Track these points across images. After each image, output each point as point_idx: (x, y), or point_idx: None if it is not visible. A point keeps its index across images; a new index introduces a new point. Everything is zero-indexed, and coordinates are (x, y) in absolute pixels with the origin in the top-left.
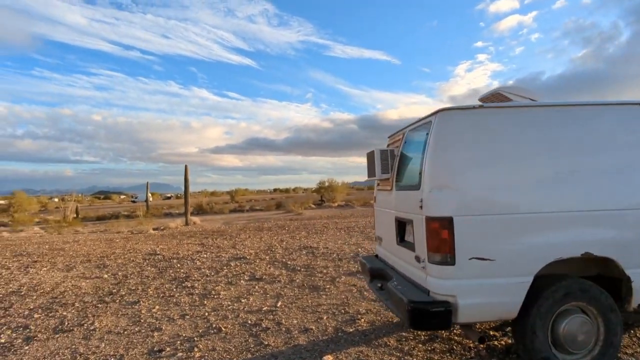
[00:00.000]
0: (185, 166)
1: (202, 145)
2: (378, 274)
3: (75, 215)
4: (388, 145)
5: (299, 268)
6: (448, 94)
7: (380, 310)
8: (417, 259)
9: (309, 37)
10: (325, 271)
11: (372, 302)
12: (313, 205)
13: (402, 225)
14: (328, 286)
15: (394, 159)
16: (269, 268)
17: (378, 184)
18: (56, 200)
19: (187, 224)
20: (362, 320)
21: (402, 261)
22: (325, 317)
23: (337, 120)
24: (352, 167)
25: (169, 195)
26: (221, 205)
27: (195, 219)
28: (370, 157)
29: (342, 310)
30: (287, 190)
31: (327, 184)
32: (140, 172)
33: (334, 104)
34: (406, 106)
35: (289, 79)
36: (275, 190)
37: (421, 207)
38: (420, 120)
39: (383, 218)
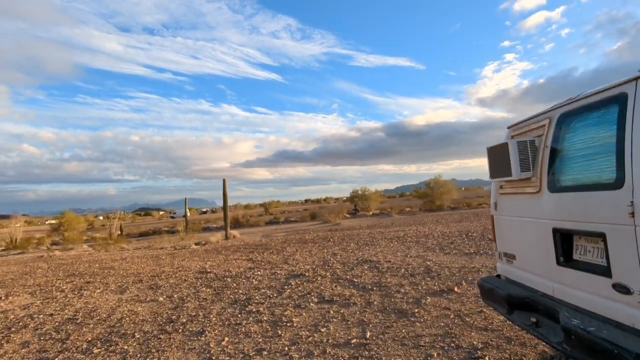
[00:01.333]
0: (224, 180)
1: (234, 160)
2: (522, 303)
3: (119, 232)
4: (512, 137)
5: (369, 286)
6: (476, 97)
7: (501, 343)
8: (620, 288)
9: (332, 49)
10: (402, 290)
11: (482, 331)
12: (347, 215)
13: (567, 240)
14: (416, 310)
15: (536, 152)
16: (336, 287)
17: (501, 187)
18: (101, 218)
19: (227, 237)
20: (486, 358)
21: (573, 289)
22: (435, 354)
23: (364, 128)
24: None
25: (204, 209)
26: (256, 217)
27: (235, 232)
28: (498, 152)
29: (452, 343)
30: (318, 201)
31: (360, 192)
32: (176, 189)
33: (360, 113)
34: (433, 111)
35: (314, 91)
36: (306, 200)
37: (632, 213)
38: (589, 94)
39: (519, 229)
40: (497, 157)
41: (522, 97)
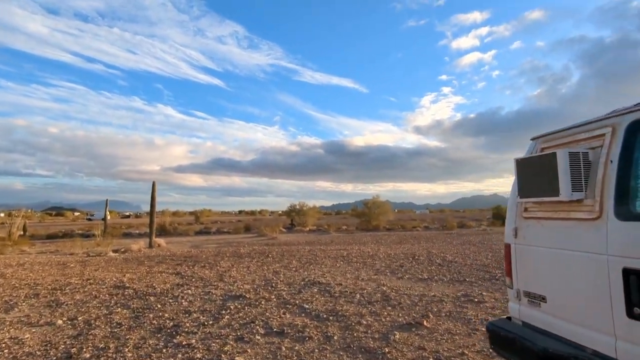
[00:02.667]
0: (154, 183)
1: (165, 164)
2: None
3: (22, 233)
4: (542, 150)
5: (324, 315)
6: (413, 124)
7: None
8: None
9: (279, 61)
10: (364, 322)
11: None
12: (284, 229)
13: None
14: (386, 349)
15: (591, 168)
16: (285, 314)
17: (526, 209)
18: (2, 215)
19: (151, 246)
20: None
21: None
22: None
23: (305, 144)
24: (318, 191)
25: (127, 213)
26: (185, 226)
27: (160, 240)
28: (538, 165)
29: None
30: (253, 213)
31: (297, 207)
32: (97, 189)
33: (301, 128)
34: (372, 133)
35: (257, 101)
36: (240, 212)
37: None
38: None
39: (557, 265)
40: (534, 172)
41: (454, 129)
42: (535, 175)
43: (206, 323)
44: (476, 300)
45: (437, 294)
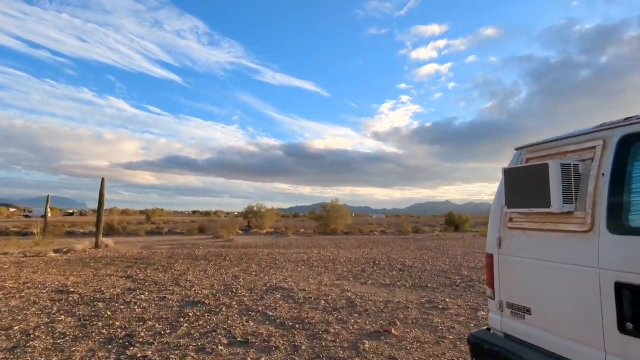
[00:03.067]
0: (103, 179)
1: (115, 160)
2: None
3: None
4: (527, 161)
5: (290, 323)
6: (372, 130)
7: None
8: None
9: (240, 60)
10: (332, 330)
11: None
12: (240, 232)
13: (636, 298)
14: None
15: (581, 181)
16: (248, 322)
17: (511, 219)
18: None
19: (98, 246)
20: None
21: None
22: None
23: (264, 145)
24: (276, 193)
25: (71, 211)
26: (135, 225)
27: (107, 240)
28: (527, 175)
29: None
30: (207, 213)
31: (255, 209)
32: (37, 184)
33: (261, 129)
34: (332, 137)
35: (216, 99)
36: (194, 212)
37: None
38: None
39: (544, 277)
40: (524, 182)
41: (411, 137)
42: (524, 186)
43: (163, 332)
44: (440, 307)
45: (401, 300)
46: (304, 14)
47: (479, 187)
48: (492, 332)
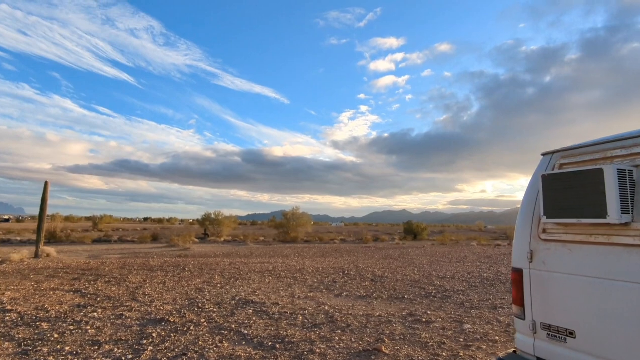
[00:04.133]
0: (46, 183)
1: (58, 162)
2: None
3: None
4: (562, 167)
5: (268, 342)
6: (332, 138)
7: None
8: None
9: (198, 63)
10: (317, 350)
11: None
12: (196, 240)
13: None
14: None
15: (636, 188)
16: (221, 342)
17: (544, 230)
18: None
19: (38, 256)
20: None
21: None
22: None
23: (221, 150)
24: (233, 200)
25: (6, 217)
26: (81, 233)
27: (49, 249)
28: (575, 182)
29: None
30: (160, 220)
31: (213, 216)
32: None
33: (219, 134)
34: (291, 145)
35: (172, 102)
36: (146, 219)
37: None
38: None
39: (596, 296)
40: (568, 190)
41: (369, 146)
42: (569, 194)
43: (124, 358)
44: (424, 320)
45: (382, 314)
46: (265, 20)
47: (433, 197)
48: (518, 354)
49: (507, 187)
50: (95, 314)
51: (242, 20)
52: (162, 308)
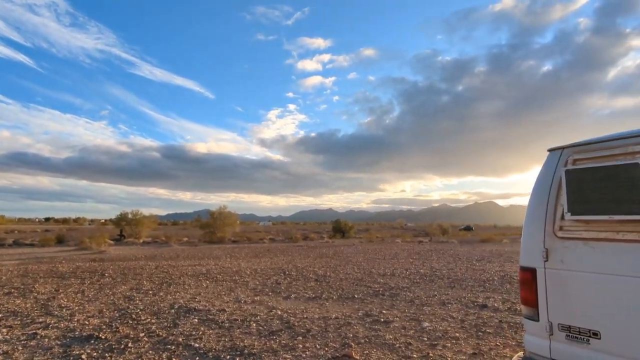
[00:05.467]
0: None
1: None
2: None
3: None
4: (575, 163)
5: (226, 356)
6: (259, 136)
7: None
8: None
9: (111, 48)
10: None
11: None
12: (111, 241)
13: None
14: None
15: None
16: None
17: (561, 228)
18: None
19: None
20: None
21: None
22: None
23: (137, 145)
24: (152, 199)
25: None
26: None
27: None
28: (609, 176)
29: None
30: (66, 221)
31: (130, 215)
32: None
33: (135, 127)
34: (216, 142)
35: (79, 90)
36: (47, 219)
37: None
38: None
39: (622, 294)
40: (597, 185)
41: (296, 145)
42: (598, 189)
43: None
44: (382, 320)
45: (338, 316)
46: (188, 9)
47: (358, 196)
48: (531, 357)
49: (424, 187)
50: (4, 330)
51: (163, 7)
52: (87, 322)
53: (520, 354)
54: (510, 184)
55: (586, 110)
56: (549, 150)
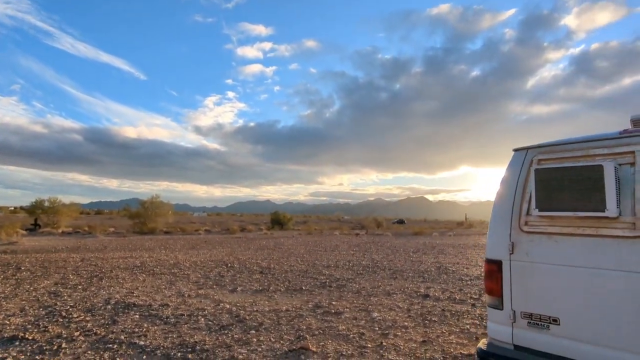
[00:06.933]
0: None
1: None
2: None
3: None
4: (540, 163)
5: (177, 354)
6: (194, 123)
7: None
8: None
9: (24, 15)
10: (238, 356)
11: None
12: (23, 231)
13: None
14: None
15: (628, 185)
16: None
17: (526, 222)
18: None
19: None
20: None
21: None
22: None
23: (56, 126)
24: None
25: None
26: None
27: None
28: (576, 175)
29: None
30: None
31: (47, 203)
32: None
33: (53, 106)
34: (147, 127)
35: None
36: None
37: None
38: None
39: (579, 285)
40: (564, 184)
41: (234, 134)
42: (565, 188)
43: None
44: (333, 311)
45: (289, 308)
46: None
47: (296, 188)
48: (494, 344)
49: (361, 181)
50: None
51: None
52: (7, 322)
53: (484, 340)
54: (439, 181)
55: (508, 115)
56: (515, 150)
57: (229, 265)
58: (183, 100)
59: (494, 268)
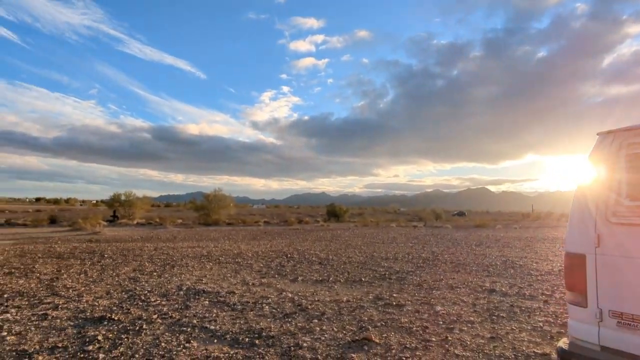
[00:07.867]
0: None
1: None
2: None
3: None
4: (629, 147)
5: (244, 338)
6: (251, 118)
7: None
8: None
9: (98, 25)
10: (303, 344)
11: None
12: (103, 222)
13: None
14: None
15: None
16: (189, 342)
17: (614, 214)
18: None
19: None
20: None
21: None
22: None
23: (128, 125)
24: (143, 180)
25: None
26: None
27: None
28: None
29: None
30: (57, 201)
31: (123, 197)
32: None
33: (125, 107)
34: (208, 124)
35: (67, 67)
36: (38, 199)
37: None
38: None
39: None
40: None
41: (289, 128)
42: None
43: None
44: (394, 303)
45: (350, 299)
46: None
47: (351, 180)
48: (577, 344)
49: (417, 173)
50: (9, 314)
51: None
52: (96, 303)
53: (565, 339)
54: (502, 171)
55: (579, 97)
56: (599, 134)
57: (289, 255)
58: (240, 97)
59: (576, 262)
